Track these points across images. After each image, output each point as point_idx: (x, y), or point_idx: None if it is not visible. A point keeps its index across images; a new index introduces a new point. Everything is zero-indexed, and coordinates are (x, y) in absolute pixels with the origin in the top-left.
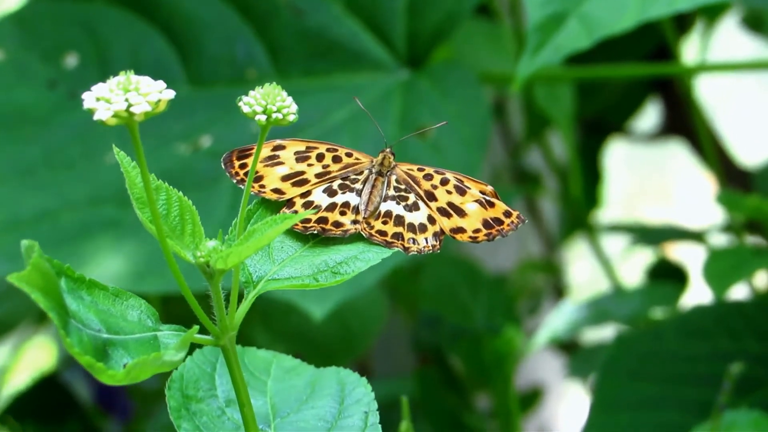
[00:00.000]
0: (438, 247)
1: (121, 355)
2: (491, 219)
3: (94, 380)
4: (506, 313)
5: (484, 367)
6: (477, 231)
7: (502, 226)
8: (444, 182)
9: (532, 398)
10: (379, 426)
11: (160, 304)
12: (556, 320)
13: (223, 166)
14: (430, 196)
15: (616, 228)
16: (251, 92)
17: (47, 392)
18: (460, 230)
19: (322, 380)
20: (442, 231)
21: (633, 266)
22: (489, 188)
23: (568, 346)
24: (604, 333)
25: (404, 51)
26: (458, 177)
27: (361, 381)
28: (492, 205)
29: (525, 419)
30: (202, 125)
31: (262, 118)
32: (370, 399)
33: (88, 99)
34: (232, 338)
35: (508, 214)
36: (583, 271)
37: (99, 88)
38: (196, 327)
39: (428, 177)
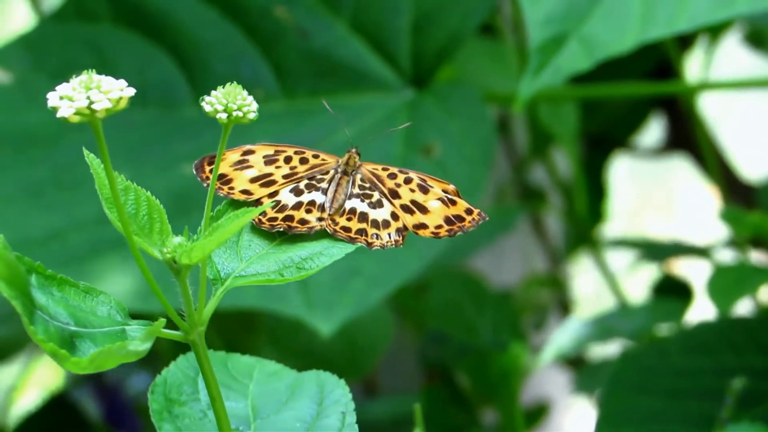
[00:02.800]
0: (401, 242)
1: (88, 346)
2: (453, 216)
3: (103, 398)
4: (512, 329)
5: (490, 384)
6: (439, 227)
7: (463, 223)
8: (407, 181)
9: (538, 414)
10: (356, 426)
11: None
12: (561, 336)
13: (194, 172)
14: (394, 194)
15: (621, 243)
16: (213, 92)
17: (56, 411)
18: (423, 226)
19: (303, 383)
20: (405, 227)
21: (638, 281)
22: (451, 187)
23: (574, 362)
24: (609, 349)
25: (409, 71)
26: (422, 176)
27: (339, 383)
28: (454, 203)
29: None
30: (208, 145)
31: (223, 116)
32: (348, 399)
33: (52, 98)
34: (201, 333)
35: (469, 212)
36: (588, 286)
37: (62, 87)
38: (163, 321)
39: (392, 176)
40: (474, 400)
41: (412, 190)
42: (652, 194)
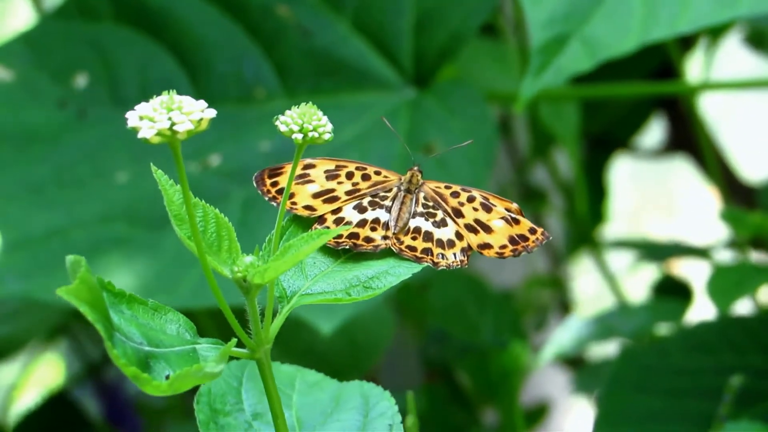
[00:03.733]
0: (466, 262)
1: (162, 367)
2: (517, 236)
3: (103, 397)
4: (513, 328)
5: (490, 383)
6: (503, 247)
7: (527, 243)
8: (471, 200)
9: (538, 413)
10: None
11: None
12: (562, 336)
13: (255, 185)
14: (458, 213)
15: (622, 244)
16: (287, 111)
17: (56, 409)
18: (487, 246)
19: (346, 394)
20: (469, 247)
21: (638, 282)
22: (514, 206)
23: (574, 362)
24: (609, 348)
25: (411, 70)
26: (484, 194)
27: (384, 395)
28: (517, 222)
29: None
30: (211, 144)
31: (299, 136)
32: (394, 412)
33: (132, 118)
34: (267, 351)
35: (533, 231)
36: (589, 287)
37: (142, 107)
38: (235, 340)
39: (455, 194)
40: (474, 400)
41: (476, 209)
42: (653, 195)
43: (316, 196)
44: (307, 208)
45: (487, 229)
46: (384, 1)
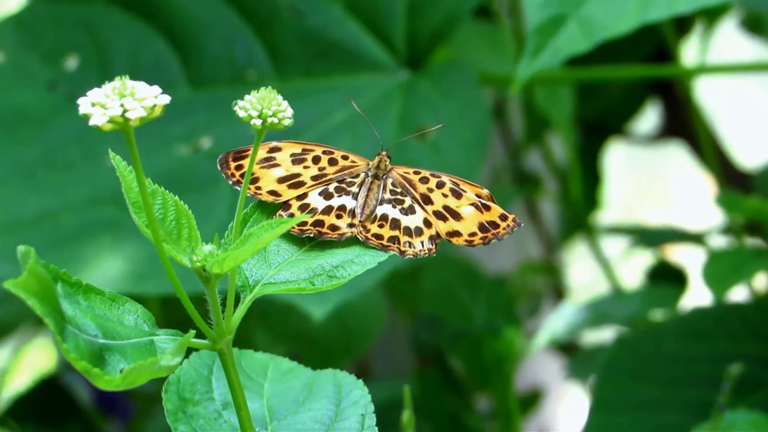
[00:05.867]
0: (434, 251)
1: (117, 360)
2: (487, 222)
3: None
4: (506, 314)
5: (484, 369)
6: (473, 234)
7: (497, 230)
8: (440, 185)
9: (532, 399)
10: (376, 428)
11: (160, 306)
12: (555, 322)
13: (219, 168)
14: (426, 200)
15: (616, 230)
16: (247, 96)
17: (47, 394)
18: (456, 234)
19: (319, 382)
20: (438, 234)
21: (633, 268)
22: (485, 191)
23: (567, 348)
24: (603, 335)
25: (404, 52)
26: (454, 180)
27: (357, 383)
28: (488, 208)
29: (525, 420)
30: (202, 126)
31: (258, 122)
32: (367, 401)
33: (84, 104)
34: (228, 342)
35: (504, 218)
36: (583, 273)
37: (94, 93)
38: (193, 332)
39: (424, 180)
40: (467, 385)
41: (445, 195)
42: (648, 182)
43: (281, 180)
44: (272, 193)
45: (457, 216)
46: None
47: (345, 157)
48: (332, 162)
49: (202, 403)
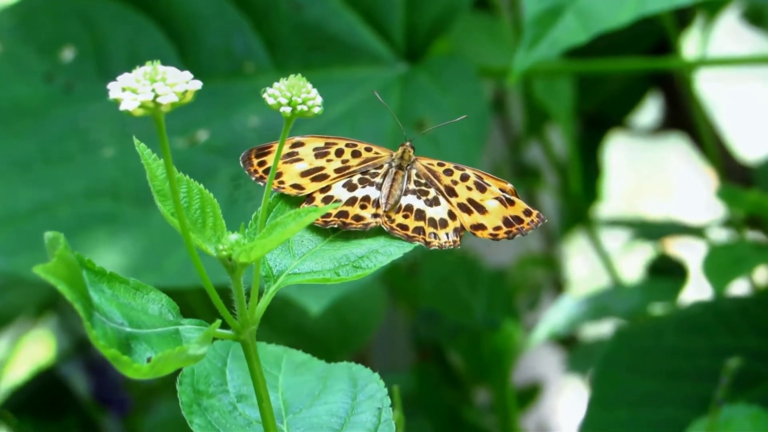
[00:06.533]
0: (458, 243)
1: (144, 348)
2: (511, 217)
3: (92, 374)
4: (505, 308)
5: (482, 363)
6: (497, 228)
7: (522, 225)
8: (464, 178)
9: (531, 393)
10: (392, 423)
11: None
12: (555, 315)
13: (241, 165)
14: (451, 192)
15: (616, 223)
16: (276, 84)
17: (45, 386)
18: (481, 227)
19: (334, 375)
20: (462, 227)
21: (633, 261)
22: (509, 186)
23: (567, 341)
24: (603, 328)
25: (403, 44)
26: (478, 173)
27: (373, 377)
28: (512, 203)
29: (524, 414)
30: (199, 119)
31: (287, 110)
32: (383, 395)
33: (114, 89)
34: (252, 333)
35: (528, 213)
36: (583, 266)
37: (125, 78)
38: (219, 321)
39: (448, 172)
40: (466, 379)
41: (469, 188)
42: (649, 175)
43: (304, 174)
44: (295, 186)
45: (481, 210)
46: None
47: (368, 149)
48: (356, 154)
49: (217, 396)
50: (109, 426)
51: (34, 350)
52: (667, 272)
